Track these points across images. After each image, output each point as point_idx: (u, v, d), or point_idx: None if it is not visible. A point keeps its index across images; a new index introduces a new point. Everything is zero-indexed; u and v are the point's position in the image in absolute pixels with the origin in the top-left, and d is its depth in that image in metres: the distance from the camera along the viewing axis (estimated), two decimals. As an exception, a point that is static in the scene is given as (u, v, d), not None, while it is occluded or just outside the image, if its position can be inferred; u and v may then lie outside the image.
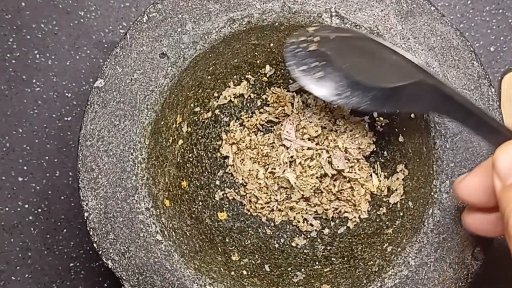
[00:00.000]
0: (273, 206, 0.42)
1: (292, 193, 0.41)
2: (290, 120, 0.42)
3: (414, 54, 0.36)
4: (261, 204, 0.42)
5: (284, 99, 0.42)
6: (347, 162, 0.41)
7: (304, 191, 0.41)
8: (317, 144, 0.41)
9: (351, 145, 0.41)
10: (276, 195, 0.42)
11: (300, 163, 0.41)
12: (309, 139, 0.41)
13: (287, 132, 0.41)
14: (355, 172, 0.41)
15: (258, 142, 0.42)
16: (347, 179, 0.41)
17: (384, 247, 0.37)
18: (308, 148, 0.41)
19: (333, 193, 0.41)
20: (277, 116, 0.43)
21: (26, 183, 0.47)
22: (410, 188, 0.38)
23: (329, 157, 0.41)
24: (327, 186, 0.41)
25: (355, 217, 0.41)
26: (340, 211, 0.41)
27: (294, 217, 0.42)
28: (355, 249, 0.39)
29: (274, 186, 0.41)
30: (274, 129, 0.43)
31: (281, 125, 0.42)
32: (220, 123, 0.43)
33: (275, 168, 0.41)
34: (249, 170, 0.42)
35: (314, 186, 0.41)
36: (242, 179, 0.42)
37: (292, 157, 0.41)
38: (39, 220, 0.46)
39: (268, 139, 0.43)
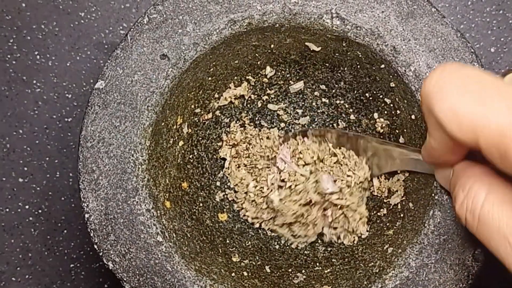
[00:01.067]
0: (261, 222, 0.42)
1: (275, 215, 0.40)
2: (288, 144, 0.42)
3: (415, 55, 0.36)
4: (251, 216, 0.42)
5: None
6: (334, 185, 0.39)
7: (286, 216, 0.39)
8: (311, 172, 0.40)
9: (343, 173, 0.40)
10: (263, 213, 0.41)
11: (290, 186, 0.39)
12: (303, 165, 0.40)
13: (283, 154, 0.41)
14: (346, 198, 0.39)
15: (257, 144, 0.42)
16: (338, 206, 0.40)
17: (384, 248, 0.37)
18: (301, 175, 0.40)
19: (328, 222, 0.40)
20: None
21: (26, 184, 0.47)
22: (410, 189, 0.38)
23: (316, 181, 0.39)
24: (315, 218, 0.40)
25: (354, 238, 0.40)
26: (338, 237, 0.41)
27: (288, 232, 0.41)
28: (355, 250, 0.39)
29: (262, 205, 0.41)
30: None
31: (278, 148, 0.42)
32: (220, 124, 0.43)
33: (262, 187, 0.41)
34: (241, 178, 0.42)
35: (296, 213, 0.39)
36: (234, 184, 0.42)
37: (283, 180, 0.40)
38: (39, 221, 0.46)
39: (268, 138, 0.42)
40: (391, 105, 0.39)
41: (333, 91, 0.42)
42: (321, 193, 0.39)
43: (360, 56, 0.38)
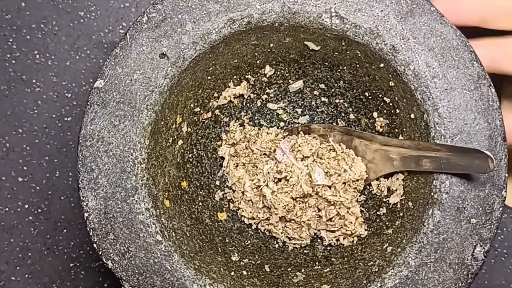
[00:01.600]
0: (258, 222, 0.41)
1: (270, 214, 0.40)
2: (288, 138, 0.42)
3: (414, 54, 0.36)
4: (247, 216, 0.41)
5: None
6: (326, 178, 0.39)
7: (278, 209, 0.39)
8: (306, 166, 0.40)
9: (339, 167, 0.40)
10: (259, 212, 0.41)
11: (285, 177, 0.39)
12: (302, 159, 0.40)
13: (284, 146, 0.41)
14: (339, 195, 0.39)
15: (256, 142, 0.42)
16: (331, 203, 0.39)
17: (384, 248, 0.37)
18: (298, 168, 0.40)
19: (325, 223, 0.40)
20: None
21: (26, 183, 0.47)
22: (410, 188, 0.38)
23: (309, 173, 0.39)
24: (308, 218, 0.40)
25: (354, 239, 0.40)
26: (338, 239, 0.41)
27: (282, 233, 0.41)
28: (355, 250, 0.39)
29: (259, 204, 0.41)
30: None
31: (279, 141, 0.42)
32: (220, 124, 0.43)
33: (259, 180, 0.40)
34: (239, 177, 0.42)
35: (287, 205, 0.39)
36: (232, 183, 0.42)
37: (280, 171, 0.40)
38: (39, 220, 0.46)
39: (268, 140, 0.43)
40: (391, 104, 0.39)
41: (333, 90, 0.42)
42: (313, 186, 0.39)
43: (359, 55, 0.38)
